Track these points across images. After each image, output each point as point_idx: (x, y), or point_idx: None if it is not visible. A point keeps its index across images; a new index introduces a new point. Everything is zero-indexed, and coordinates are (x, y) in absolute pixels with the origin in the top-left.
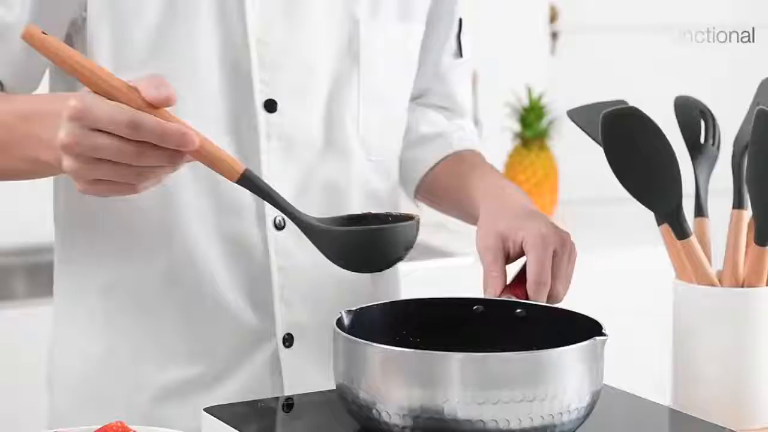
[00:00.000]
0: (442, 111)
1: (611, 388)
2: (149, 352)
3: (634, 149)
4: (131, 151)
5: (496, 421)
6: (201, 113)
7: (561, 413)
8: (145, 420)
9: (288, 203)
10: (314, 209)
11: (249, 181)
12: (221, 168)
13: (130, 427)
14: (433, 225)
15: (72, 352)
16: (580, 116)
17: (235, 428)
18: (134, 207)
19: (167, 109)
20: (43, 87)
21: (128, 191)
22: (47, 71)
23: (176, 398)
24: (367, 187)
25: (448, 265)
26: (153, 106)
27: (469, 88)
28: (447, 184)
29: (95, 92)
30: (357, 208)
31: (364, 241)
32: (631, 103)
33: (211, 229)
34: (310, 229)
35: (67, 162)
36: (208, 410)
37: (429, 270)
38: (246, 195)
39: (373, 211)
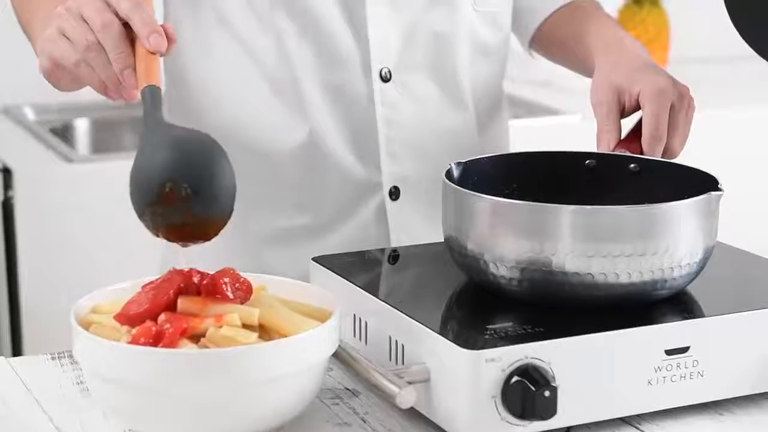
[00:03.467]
0: None
1: (725, 245)
2: (259, 199)
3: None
4: (105, 19)
5: (604, 274)
6: None
7: (672, 268)
8: (252, 266)
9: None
10: (421, 59)
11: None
12: (147, 72)
13: (241, 274)
14: (540, 83)
15: None
16: None
17: (343, 277)
18: (247, 58)
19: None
20: None
21: (71, 66)
22: None
23: (283, 246)
24: (475, 39)
25: (554, 123)
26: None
27: None
28: (563, 35)
29: None
30: (465, 60)
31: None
32: None
33: (317, 79)
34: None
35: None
36: (316, 259)
37: (535, 128)
38: (350, 46)
39: None
